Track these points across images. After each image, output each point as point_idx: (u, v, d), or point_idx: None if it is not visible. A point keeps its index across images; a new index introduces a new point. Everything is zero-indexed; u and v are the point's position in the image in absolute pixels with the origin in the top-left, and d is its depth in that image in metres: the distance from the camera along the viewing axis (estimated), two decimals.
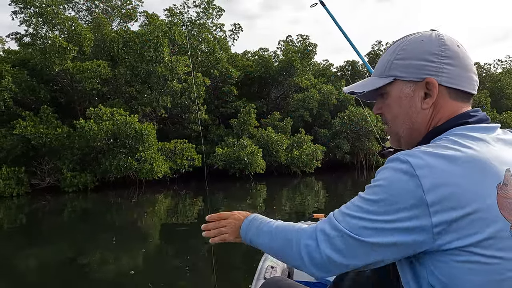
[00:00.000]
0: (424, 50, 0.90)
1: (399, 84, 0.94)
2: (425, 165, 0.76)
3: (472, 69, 0.91)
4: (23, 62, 19.52)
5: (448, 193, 0.74)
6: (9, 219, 10.49)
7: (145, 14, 24.62)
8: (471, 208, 0.73)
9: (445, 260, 0.76)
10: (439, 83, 0.88)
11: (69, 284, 4.16)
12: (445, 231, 0.74)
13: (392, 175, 0.80)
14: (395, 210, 0.77)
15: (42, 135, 15.88)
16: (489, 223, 0.74)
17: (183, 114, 21.37)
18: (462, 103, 0.90)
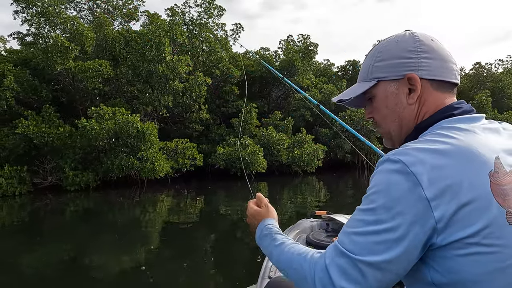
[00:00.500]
0: (401, 49, 0.94)
1: (383, 84, 0.97)
2: (418, 162, 0.77)
3: (450, 59, 0.94)
4: (25, 61, 19.56)
5: (445, 186, 0.75)
6: (11, 218, 10.53)
7: (147, 13, 24.68)
8: (468, 198, 0.75)
9: (446, 255, 0.77)
10: (420, 76, 0.91)
11: (71, 282, 4.19)
12: (447, 224, 0.74)
13: (386, 178, 0.80)
14: (398, 213, 0.77)
15: (44, 134, 15.93)
16: (485, 211, 0.75)
17: (184, 113, 21.41)
18: (447, 93, 0.93)
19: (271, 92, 28.01)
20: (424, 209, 0.75)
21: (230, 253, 4.60)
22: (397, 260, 0.77)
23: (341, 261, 0.81)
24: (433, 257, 0.79)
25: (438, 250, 0.78)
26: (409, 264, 0.79)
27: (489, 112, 30.79)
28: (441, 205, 0.75)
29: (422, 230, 0.75)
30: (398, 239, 0.76)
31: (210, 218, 8.97)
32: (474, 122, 0.87)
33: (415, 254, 0.78)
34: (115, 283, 4.13)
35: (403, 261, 0.78)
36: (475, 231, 0.74)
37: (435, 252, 0.78)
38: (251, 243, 5.80)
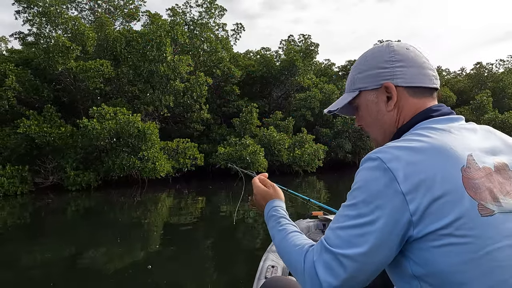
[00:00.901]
0: (377, 60, 1.01)
1: (364, 94, 1.04)
2: (394, 158, 0.82)
3: (426, 65, 0.99)
4: (26, 61, 19.62)
5: (419, 180, 0.79)
6: (13, 217, 10.57)
7: (148, 13, 24.70)
8: (441, 192, 0.79)
9: (423, 247, 0.81)
10: (396, 84, 0.98)
11: (72, 281, 4.22)
12: (421, 217, 0.79)
13: (366, 174, 0.86)
14: (376, 207, 0.82)
15: (45, 134, 15.97)
16: (457, 203, 0.78)
17: (185, 113, 21.44)
18: (425, 98, 0.98)
19: (272, 92, 28.04)
20: (400, 202, 0.79)
21: (230, 253, 4.62)
22: (376, 252, 0.82)
23: (326, 257, 0.86)
24: (411, 250, 0.83)
25: (415, 242, 0.81)
26: (389, 256, 0.84)
27: (490, 112, 30.77)
28: (416, 198, 0.79)
29: (399, 222, 0.79)
30: (376, 231, 0.80)
31: (211, 218, 9.00)
32: (452, 123, 0.92)
33: (394, 246, 0.82)
34: (115, 282, 4.16)
35: (382, 252, 0.82)
36: (448, 222, 0.78)
37: (413, 245, 0.82)
38: (251, 243, 5.82)
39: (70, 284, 4.08)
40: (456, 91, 35.60)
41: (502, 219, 0.79)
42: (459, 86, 37.28)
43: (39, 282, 4.18)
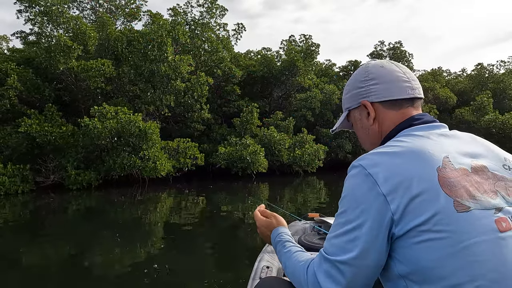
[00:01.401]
0: (356, 81, 1.14)
1: (352, 112, 1.17)
2: (374, 164, 0.90)
3: (400, 79, 1.07)
4: (27, 60, 19.67)
5: (398, 182, 0.86)
6: (14, 216, 10.61)
7: (149, 13, 24.75)
8: (418, 191, 0.84)
9: (405, 244, 0.86)
10: (371, 101, 1.09)
11: (73, 279, 4.25)
12: (402, 215, 0.84)
13: (351, 182, 0.93)
14: (362, 211, 0.88)
15: (47, 133, 16.02)
16: (434, 200, 0.84)
17: (186, 113, 21.48)
18: (404, 109, 1.05)
19: (272, 92, 28.07)
20: (382, 203, 0.86)
21: (230, 252, 4.64)
22: (368, 253, 0.88)
23: (325, 266, 0.93)
24: (395, 249, 0.88)
25: (398, 241, 0.87)
26: (381, 257, 0.89)
27: (490, 113, 30.77)
28: (396, 198, 0.85)
29: (383, 222, 0.85)
30: (364, 234, 0.86)
31: (211, 217, 9.03)
32: (432, 130, 0.99)
33: (383, 246, 0.87)
34: (115, 280, 4.20)
35: (373, 254, 0.88)
36: (425, 219, 0.83)
37: (396, 243, 0.87)
38: (251, 243, 5.86)
39: (71, 283, 4.11)
40: (457, 92, 35.62)
41: (479, 215, 0.83)
42: (460, 87, 37.30)
43: (40, 281, 4.21)
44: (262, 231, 1.30)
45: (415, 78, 1.11)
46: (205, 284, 3.80)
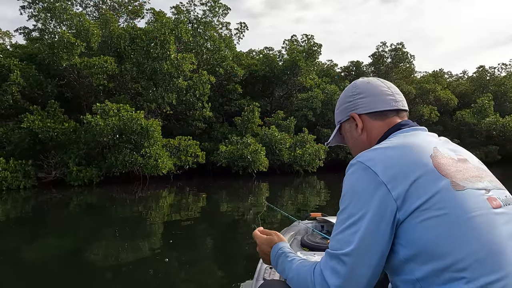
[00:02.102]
0: (345, 96, 1.27)
1: (343, 125, 1.28)
2: (370, 158, 0.99)
3: (384, 93, 1.18)
4: (30, 56, 19.73)
5: (396, 170, 0.93)
6: (16, 211, 10.67)
7: (152, 11, 24.80)
8: (416, 176, 0.92)
9: (408, 226, 0.92)
10: (358, 113, 1.20)
11: (73, 274, 4.29)
12: (404, 200, 0.91)
13: (350, 178, 1.00)
14: (364, 202, 0.94)
15: (49, 129, 16.09)
16: (433, 182, 0.92)
17: (187, 111, 21.54)
18: (389, 118, 1.15)
19: (274, 91, 28.12)
20: (384, 192, 0.92)
21: (230, 250, 4.66)
22: (371, 243, 0.93)
23: (331, 263, 0.97)
24: (398, 234, 0.93)
25: (402, 225, 0.92)
26: (384, 245, 0.94)
27: (491, 116, 30.79)
28: (397, 186, 0.92)
29: (386, 210, 0.91)
30: (366, 223, 0.92)
31: (212, 216, 9.08)
32: (417, 131, 1.09)
33: (386, 234, 0.93)
34: (115, 276, 4.25)
35: (376, 243, 0.93)
36: (427, 198, 0.90)
37: (400, 228, 0.93)
38: (250, 241, 5.94)
39: (71, 278, 4.17)
40: (458, 94, 35.63)
41: (473, 194, 0.93)
42: (461, 89, 37.30)
43: (40, 276, 4.26)
44: (262, 248, 1.31)
45: (399, 92, 1.23)
46: (204, 281, 3.84)
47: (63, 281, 4.03)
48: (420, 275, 0.90)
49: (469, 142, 32.13)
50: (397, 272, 0.97)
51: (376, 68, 36.31)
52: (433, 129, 32.51)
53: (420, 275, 0.90)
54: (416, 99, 31.72)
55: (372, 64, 36.35)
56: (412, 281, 0.92)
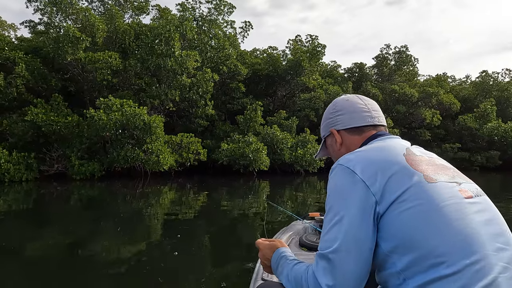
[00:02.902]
0: (327, 113, 1.37)
1: (327, 139, 1.38)
2: (349, 160, 1.07)
3: (361, 110, 1.29)
4: (35, 49, 19.81)
5: (373, 169, 1.01)
6: (17, 203, 10.72)
7: (157, 7, 24.85)
8: (392, 172, 1.00)
9: (388, 219, 0.97)
10: (337, 129, 1.30)
11: (72, 267, 4.32)
12: (382, 194, 0.98)
13: (333, 181, 1.09)
14: (346, 200, 1.01)
15: (52, 122, 16.18)
16: (407, 176, 0.99)
17: (190, 108, 21.60)
18: (365, 133, 1.26)
19: (277, 91, 28.15)
20: (363, 189, 0.99)
21: (229, 248, 4.68)
22: (358, 236, 0.98)
23: (321, 263, 1.01)
24: (380, 228, 0.99)
25: (382, 219, 0.98)
26: (369, 239, 0.99)
27: (493, 121, 30.77)
28: (375, 182, 0.99)
29: (367, 204, 0.98)
30: (351, 220, 0.99)
31: (211, 213, 9.11)
32: (391, 138, 1.20)
33: (369, 228, 0.98)
34: (114, 269, 4.28)
35: (363, 235, 0.98)
36: (403, 191, 0.97)
37: (381, 222, 0.99)
38: (249, 239, 5.98)
39: (71, 271, 4.21)
40: (461, 98, 35.60)
41: (444, 186, 1.00)
42: (464, 94, 37.26)
43: (40, 269, 4.29)
44: (264, 253, 1.33)
45: (377, 109, 1.31)
46: (204, 279, 3.86)
47: (63, 274, 4.06)
48: (402, 266, 0.94)
49: (470, 146, 32.14)
50: (382, 267, 1.01)
51: (379, 70, 36.31)
52: (435, 132, 32.66)
53: (401, 266, 0.94)
54: (418, 102, 31.70)
55: (376, 66, 36.34)
56: (396, 273, 0.96)
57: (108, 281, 3.89)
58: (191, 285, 3.65)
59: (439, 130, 33.22)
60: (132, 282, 3.83)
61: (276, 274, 1.25)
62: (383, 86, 32.75)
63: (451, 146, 31.11)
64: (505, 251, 0.93)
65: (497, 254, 0.91)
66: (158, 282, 3.68)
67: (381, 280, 1.04)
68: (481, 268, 0.88)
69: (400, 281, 0.95)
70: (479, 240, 0.92)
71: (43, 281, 3.83)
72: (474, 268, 0.88)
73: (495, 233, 0.96)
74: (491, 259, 0.90)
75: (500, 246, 0.94)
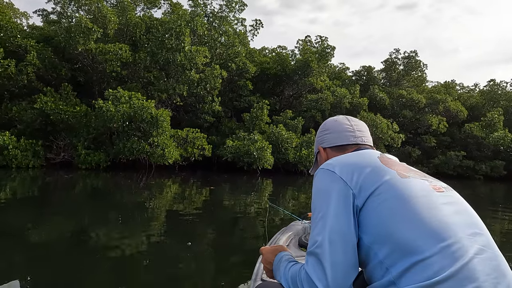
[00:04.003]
0: (318, 132, 1.48)
1: (318, 156, 1.47)
2: (329, 163, 1.18)
3: (346, 130, 1.39)
4: (46, 38, 19.98)
5: (351, 168, 1.11)
6: (23, 189, 10.84)
7: (169, 2, 24.94)
8: (368, 170, 1.10)
9: (365, 213, 1.05)
10: (323, 147, 1.42)
11: (74, 255, 4.34)
12: (360, 189, 1.07)
13: (315, 182, 1.17)
14: (327, 197, 1.09)
15: (61, 111, 16.35)
16: (382, 173, 1.09)
17: (197, 103, 21.70)
18: (348, 150, 1.36)
19: (284, 90, 28.18)
20: (342, 185, 1.09)
21: (226, 256, 4.68)
22: (341, 228, 1.04)
23: (311, 260, 1.05)
24: (360, 222, 1.06)
25: (361, 213, 1.06)
26: (354, 229, 1.05)
27: (500, 131, 30.59)
28: (352, 178, 1.09)
29: (347, 198, 1.07)
30: (332, 214, 1.06)
31: (214, 208, 9.14)
32: (367, 149, 1.33)
33: (350, 221, 1.05)
34: (115, 260, 4.32)
35: (345, 227, 1.04)
36: (378, 185, 1.06)
37: (360, 215, 1.06)
38: (250, 237, 6.04)
39: (73, 258, 4.25)
40: (468, 106, 35.42)
41: (416, 181, 1.09)
42: (471, 102, 37.05)
43: (44, 256, 4.33)
44: (266, 257, 1.36)
45: (362, 130, 1.41)
46: (203, 277, 3.87)
47: (66, 261, 4.12)
48: (383, 255, 0.99)
49: (475, 155, 31.99)
50: (367, 260, 1.05)
51: (387, 74, 36.20)
52: (440, 139, 32.55)
53: (382, 255, 0.99)
54: (425, 109, 31.61)
55: (384, 70, 36.23)
56: (379, 263, 1.00)
57: (105, 267, 3.96)
58: (191, 284, 3.67)
59: (444, 137, 33.10)
60: (131, 270, 3.90)
61: (276, 278, 1.27)
62: (391, 91, 32.66)
63: (456, 154, 30.96)
64: (480, 235, 0.99)
65: (471, 238, 0.96)
66: (156, 276, 3.73)
67: (368, 275, 1.07)
68: (457, 249, 0.92)
69: (383, 271, 0.99)
70: (452, 226, 0.98)
71: (44, 266, 3.91)
72: (450, 250, 0.92)
73: (467, 221, 1.02)
74: (466, 241, 0.95)
75: (474, 231, 0.99)
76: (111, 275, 3.78)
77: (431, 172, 31.22)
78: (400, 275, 0.94)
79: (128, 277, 3.74)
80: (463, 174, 31.07)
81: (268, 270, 1.35)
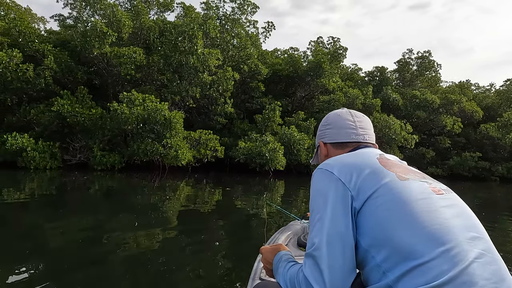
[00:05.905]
0: (320, 125, 1.45)
1: (318, 148, 1.44)
2: (327, 163, 1.16)
3: (348, 126, 1.36)
4: (63, 43, 20.43)
5: (350, 170, 1.09)
6: (41, 190, 11.08)
7: (182, 5, 25.23)
8: (367, 171, 1.08)
9: (365, 215, 1.03)
10: (324, 142, 1.39)
11: (89, 254, 4.44)
12: (358, 191, 1.05)
13: (313, 183, 1.16)
14: (326, 198, 1.07)
15: (77, 114, 16.71)
16: (381, 175, 1.07)
17: (210, 105, 21.87)
18: (348, 149, 1.34)
19: (296, 91, 28.16)
20: (340, 186, 1.07)
21: (224, 255, 4.69)
22: (338, 230, 1.03)
23: (309, 261, 1.05)
24: (358, 225, 1.04)
25: (359, 215, 1.04)
26: (351, 231, 1.04)
27: (510, 133, 29.98)
28: (351, 180, 1.07)
29: (345, 199, 1.05)
30: (330, 216, 1.05)
31: (225, 210, 9.19)
32: (367, 148, 1.31)
33: (349, 220, 1.04)
34: (130, 260, 4.38)
35: (343, 229, 1.03)
36: (377, 188, 1.04)
37: (358, 218, 1.04)
38: (254, 238, 6.12)
39: (87, 256, 4.35)
40: (484, 106, 34.79)
41: (416, 183, 1.07)
42: (487, 102, 36.39)
43: (61, 254, 4.44)
44: (266, 256, 1.36)
45: (366, 127, 1.38)
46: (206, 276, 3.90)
47: (83, 259, 4.22)
48: (381, 258, 0.97)
49: (491, 156, 31.44)
50: (364, 263, 1.04)
51: (401, 75, 35.88)
52: (455, 140, 32.03)
53: (380, 259, 0.97)
54: (439, 109, 31.18)
55: (397, 70, 35.92)
56: (376, 266, 0.98)
57: (117, 266, 4.07)
58: (191, 283, 3.71)
59: (459, 138, 32.62)
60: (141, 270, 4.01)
61: (276, 278, 1.27)
62: (404, 91, 32.34)
63: (472, 155, 30.46)
64: (480, 239, 0.97)
65: (471, 242, 0.94)
66: (159, 275, 3.82)
67: (365, 278, 1.06)
68: (456, 254, 0.90)
69: (381, 274, 0.97)
70: (452, 230, 0.95)
71: (58, 263, 4.04)
72: (449, 254, 0.90)
73: (467, 225, 0.99)
74: (465, 245, 0.93)
75: (474, 235, 0.97)
76: (123, 271, 3.91)
77: (445, 174, 30.83)
78: (398, 279, 0.93)
79: (129, 274, 3.85)
80: (479, 175, 30.57)
81: (268, 269, 1.35)
